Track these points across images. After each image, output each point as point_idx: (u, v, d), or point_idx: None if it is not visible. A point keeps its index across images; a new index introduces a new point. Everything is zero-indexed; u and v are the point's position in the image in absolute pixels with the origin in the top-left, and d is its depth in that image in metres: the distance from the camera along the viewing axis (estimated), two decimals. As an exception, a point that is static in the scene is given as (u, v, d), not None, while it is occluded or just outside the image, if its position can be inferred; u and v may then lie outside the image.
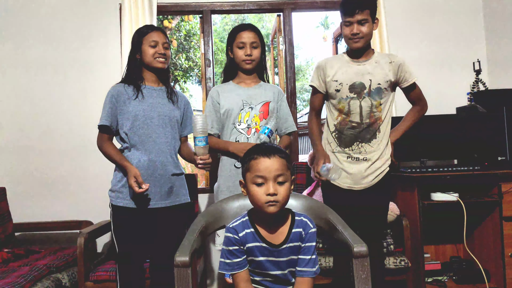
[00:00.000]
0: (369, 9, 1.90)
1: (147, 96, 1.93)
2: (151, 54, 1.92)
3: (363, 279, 1.29)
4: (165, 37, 1.97)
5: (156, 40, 1.92)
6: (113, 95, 1.91)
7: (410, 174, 2.47)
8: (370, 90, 1.94)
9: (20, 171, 2.98)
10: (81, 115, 3.01)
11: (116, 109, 1.91)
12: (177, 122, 2.00)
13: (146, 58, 1.93)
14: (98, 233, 2.47)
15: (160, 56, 1.93)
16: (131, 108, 1.88)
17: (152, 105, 1.92)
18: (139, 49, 1.94)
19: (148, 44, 1.92)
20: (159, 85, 2.01)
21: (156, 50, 1.92)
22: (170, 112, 1.95)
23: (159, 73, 1.99)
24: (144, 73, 1.98)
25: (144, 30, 1.97)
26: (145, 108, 1.90)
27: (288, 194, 1.32)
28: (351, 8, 1.88)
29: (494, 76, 3.15)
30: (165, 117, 1.93)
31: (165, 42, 1.96)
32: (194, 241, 1.37)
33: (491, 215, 2.53)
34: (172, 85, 2.10)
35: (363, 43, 1.93)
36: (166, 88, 2.01)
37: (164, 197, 1.91)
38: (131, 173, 1.79)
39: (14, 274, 2.11)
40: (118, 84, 1.96)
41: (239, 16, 10.91)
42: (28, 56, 3.02)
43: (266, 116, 2.03)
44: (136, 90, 1.92)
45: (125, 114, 1.89)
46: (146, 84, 1.97)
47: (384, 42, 3.02)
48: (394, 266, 2.37)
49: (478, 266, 2.53)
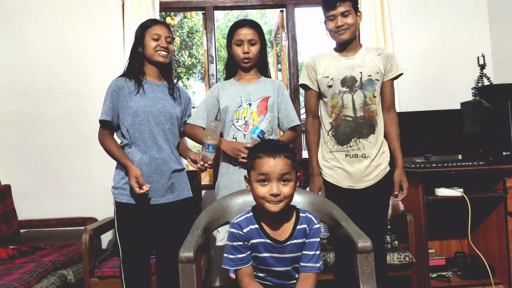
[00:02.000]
0: (350, 1, 1.92)
1: (148, 91, 1.92)
2: (152, 47, 1.90)
3: (367, 275, 1.29)
4: (168, 31, 1.95)
5: (158, 34, 1.91)
6: (114, 89, 1.89)
7: (415, 169, 2.46)
8: (361, 83, 1.93)
9: (25, 168, 3.00)
10: (84, 112, 3.02)
11: (117, 104, 1.89)
12: (177, 118, 1.99)
13: (147, 51, 1.92)
14: (102, 229, 2.48)
15: (162, 50, 1.91)
16: (131, 104, 1.87)
17: (153, 101, 1.90)
18: (141, 42, 1.93)
19: (151, 37, 1.91)
20: (161, 80, 2.00)
21: (158, 43, 1.90)
22: (171, 108, 1.94)
23: (161, 67, 1.98)
24: (145, 67, 1.96)
25: (147, 23, 1.96)
26: (146, 104, 1.88)
27: (292, 193, 1.32)
28: (332, 1, 1.91)
29: (499, 70, 3.13)
30: (166, 113, 1.92)
31: (168, 36, 1.94)
32: (199, 237, 1.37)
33: (496, 210, 2.53)
34: (175, 81, 2.08)
35: (350, 35, 1.94)
36: (168, 84, 2.00)
37: (166, 193, 1.91)
38: (132, 174, 1.79)
39: (19, 270, 2.13)
40: (119, 78, 1.94)
41: (241, 12, 10.88)
42: (30, 53, 3.03)
43: (264, 111, 2.01)
44: (137, 85, 1.90)
45: (126, 110, 1.88)
46: (147, 79, 1.96)
47: (388, 37, 3.00)
48: (399, 262, 2.37)
49: (482, 262, 2.52)
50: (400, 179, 1.97)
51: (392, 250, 2.42)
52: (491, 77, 3.11)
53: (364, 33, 3.02)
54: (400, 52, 3.10)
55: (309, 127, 2.07)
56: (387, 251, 2.39)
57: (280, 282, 1.39)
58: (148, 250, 1.95)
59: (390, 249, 2.43)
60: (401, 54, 3.09)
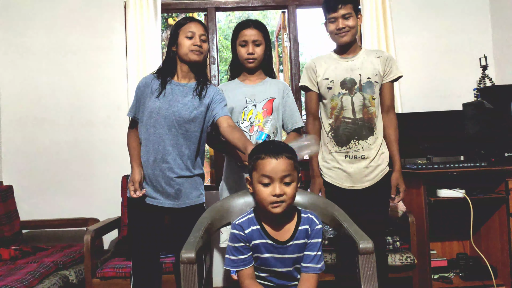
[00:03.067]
0: (352, 3, 1.92)
1: (168, 93, 1.85)
2: (187, 46, 1.83)
3: (368, 276, 1.28)
4: (203, 29, 1.88)
5: (193, 31, 1.84)
6: (140, 86, 1.91)
7: (416, 170, 2.46)
8: (361, 85, 1.94)
9: (27, 169, 3.00)
10: (86, 113, 3.02)
11: (139, 101, 1.91)
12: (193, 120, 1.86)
13: (181, 50, 1.85)
14: (104, 230, 2.48)
15: (196, 48, 1.84)
16: (149, 104, 1.84)
17: (169, 103, 1.83)
18: (175, 41, 1.88)
19: (185, 35, 1.84)
20: (190, 80, 1.92)
21: (192, 42, 1.84)
22: (186, 112, 1.84)
23: (194, 66, 1.90)
24: (178, 66, 1.91)
25: (182, 21, 1.90)
26: (161, 107, 1.82)
27: (294, 194, 1.32)
28: (334, 4, 1.91)
29: (501, 71, 3.12)
30: (179, 118, 1.83)
31: (203, 34, 1.87)
32: (200, 238, 1.36)
33: (498, 211, 2.52)
34: (208, 80, 1.98)
35: (350, 37, 1.95)
36: (196, 84, 1.90)
37: (172, 197, 1.87)
38: (131, 177, 1.82)
39: (21, 271, 2.13)
40: (149, 75, 1.93)
41: (244, 13, 10.86)
42: (33, 55, 3.03)
43: (270, 113, 2.00)
44: (161, 86, 1.86)
45: (144, 109, 1.87)
46: (174, 79, 1.90)
47: (390, 38, 3.00)
48: (400, 263, 2.37)
49: (485, 263, 2.51)
50: (397, 182, 1.98)
51: (394, 251, 2.42)
52: (493, 78, 3.10)
53: (366, 34, 3.01)
54: (402, 53, 3.09)
55: (309, 129, 2.07)
56: (389, 252, 2.39)
57: (282, 283, 1.39)
58: (158, 249, 1.94)
59: (392, 250, 2.43)
60: (403, 55, 3.09)
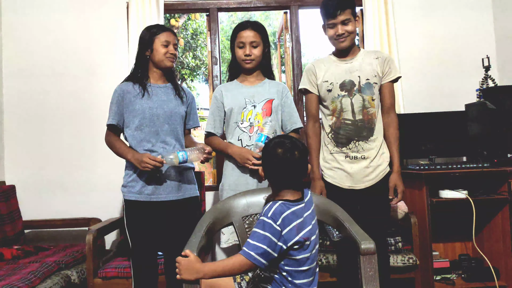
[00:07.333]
0: (350, 8, 1.93)
1: (153, 94, 1.98)
2: (163, 53, 1.98)
3: (370, 276, 1.29)
4: (175, 38, 2.05)
5: (168, 41, 1.99)
6: (119, 93, 1.97)
7: (419, 171, 2.45)
8: (360, 87, 1.96)
9: (29, 169, 3.01)
10: (88, 113, 3.03)
11: (122, 108, 1.97)
12: (182, 117, 2.05)
13: (157, 56, 1.99)
14: (106, 230, 2.48)
15: (171, 56, 1.99)
16: (138, 106, 1.94)
17: (158, 102, 1.97)
18: (149, 47, 1.99)
19: (161, 43, 1.98)
20: (164, 82, 2.06)
21: (167, 50, 1.98)
22: (175, 108, 2.01)
23: (165, 70, 2.05)
24: (150, 71, 2.03)
25: (156, 30, 2.02)
26: (152, 106, 1.95)
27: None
28: (332, 10, 1.91)
29: (504, 72, 3.11)
30: (171, 114, 1.98)
31: (175, 43, 2.03)
32: (202, 238, 1.37)
33: (501, 212, 2.51)
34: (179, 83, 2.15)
35: (350, 42, 1.97)
36: (172, 85, 2.06)
37: (174, 190, 1.95)
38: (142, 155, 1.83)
39: (23, 270, 2.14)
40: (124, 83, 2.01)
41: (246, 14, 10.89)
42: (35, 54, 3.04)
43: (269, 113, 2.02)
44: (142, 88, 1.97)
45: (132, 112, 1.95)
46: (151, 82, 2.02)
47: (392, 39, 2.99)
48: (402, 264, 2.36)
49: (487, 264, 2.50)
50: (395, 183, 1.98)
51: (396, 252, 2.41)
52: (496, 79, 3.09)
53: (368, 35, 3.01)
54: (405, 53, 3.08)
55: (310, 131, 2.09)
56: (391, 253, 2.38)
57: None
58: (157, 247, 2.00)
59: (394, 251, 2.42)
60: (406, 56, 3.08)
